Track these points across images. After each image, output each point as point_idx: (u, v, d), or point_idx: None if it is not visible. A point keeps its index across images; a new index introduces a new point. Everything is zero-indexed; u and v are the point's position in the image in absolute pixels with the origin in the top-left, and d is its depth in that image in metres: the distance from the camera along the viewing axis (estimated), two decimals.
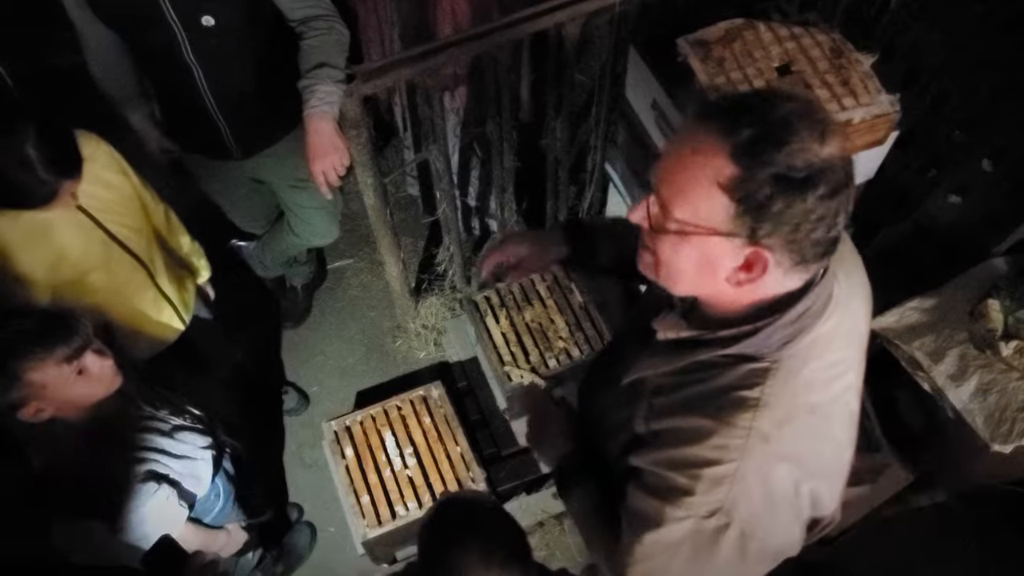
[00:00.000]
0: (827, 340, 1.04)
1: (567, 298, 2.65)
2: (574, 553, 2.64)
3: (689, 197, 0.94)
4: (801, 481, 1.05)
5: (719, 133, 0.90)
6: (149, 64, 2.02)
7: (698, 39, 1.93)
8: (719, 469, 1.02)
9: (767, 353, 1.02)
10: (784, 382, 1.02)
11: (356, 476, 2.39)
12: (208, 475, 1.96)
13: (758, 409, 1.01)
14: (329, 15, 1.93)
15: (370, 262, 3.23)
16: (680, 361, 1.09)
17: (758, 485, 1.03)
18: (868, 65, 1.87)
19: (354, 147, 2.03)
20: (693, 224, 0.95)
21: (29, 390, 1.49)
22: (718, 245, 0.95)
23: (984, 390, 2.13)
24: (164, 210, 2.05)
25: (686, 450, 1.05)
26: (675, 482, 1.05)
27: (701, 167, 0.92)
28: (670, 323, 1.12)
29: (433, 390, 2.56)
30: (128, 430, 1.80)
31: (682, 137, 0.95)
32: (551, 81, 2.32)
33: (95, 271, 1.82)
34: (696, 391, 1.07)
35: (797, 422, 1.03)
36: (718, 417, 1.03)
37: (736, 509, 1.03)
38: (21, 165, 1.51)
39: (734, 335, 1.03)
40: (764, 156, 0.88)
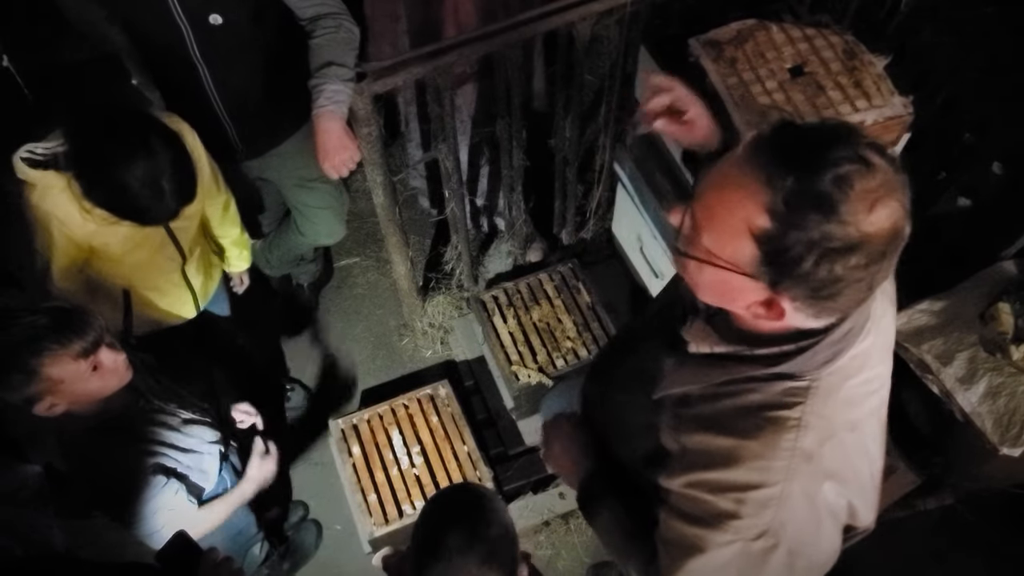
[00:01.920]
0: (865, 357, 1.03)
1: (575, 298, 2.65)
2: (580, 553, 2.64)
3: (719, 230, 0.90)
4: (842, 496, 1.05)
5: (764, 178, 0.84)
6: (156, 62, 2.02)
7: (710, 39, 1.93)
8: (765, 492, 1.00)
9: (806, 372, 0.99)
10: (824, 401, 1.00)
11: (363, 474, 2.39)
12: (215, 469, 1.96)
13: (800, 430, 0.99)
14: (338, 13, 1.93)
15: (376, 260, 3.23)
16: (716, 378, 1.05)
17: (804, 505, 1.02)
18: (881, 67, 1.87)
19: (364, 145, 2.03)
20: (717, 256, 0.91)
21: (45, 385, 1.49)
22: (739, 281, 0.91)
23: (993, 393, 2.12)
24: (225, 200, 2.07)
25: (727, 473, 1.02)
26: (718, 506, 1.03)
27: (737, 207, 0.87)
28: (701, 334, 1.07)
29: (440, 389, 2.56)
30: (138, 424, 1.80)
31: (732, 163, 0.89)
32: (560, 80, 2.32)
33: (138, 250, 1.85)
34: (729, 406, 1.04)
35: (838, 439, 1.02)
36: (758, 437, 1.00)
37: (784, 529, 1.02)
38: (155, 194, 1.60)
39: (775, 355, 0.99)
40: (801, 220, 0.82)
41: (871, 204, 0.82)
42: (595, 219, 2.92)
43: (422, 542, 1.32)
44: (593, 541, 2.66)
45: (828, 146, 0.83)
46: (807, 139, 0.85)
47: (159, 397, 1.87)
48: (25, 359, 1.47)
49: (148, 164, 1.57)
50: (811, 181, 0.82)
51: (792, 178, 0.82)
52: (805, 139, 0.85)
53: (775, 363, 0.99)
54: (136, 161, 1.56)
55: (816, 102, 1.82)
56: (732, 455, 1.02)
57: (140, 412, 1.82)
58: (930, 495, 2.53)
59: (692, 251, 0.94)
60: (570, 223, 2.90)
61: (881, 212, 0.82)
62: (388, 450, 2.43)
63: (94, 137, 1.61)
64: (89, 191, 1.63)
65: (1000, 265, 2.28)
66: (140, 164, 1.56)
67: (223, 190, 2.04)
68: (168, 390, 1.92)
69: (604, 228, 2.93)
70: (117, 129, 1.60)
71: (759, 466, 1.00)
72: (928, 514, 2.57)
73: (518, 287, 2.68)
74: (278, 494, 2.72)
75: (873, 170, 0.82)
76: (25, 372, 1.48)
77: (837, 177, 0.81)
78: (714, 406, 1.06)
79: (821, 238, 0.82)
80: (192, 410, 1.96)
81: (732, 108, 1.83)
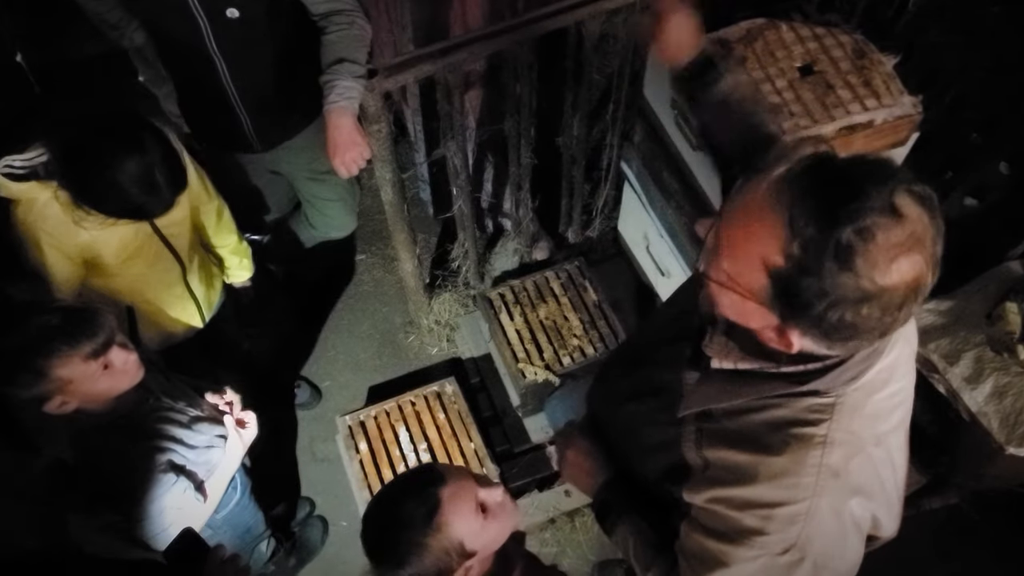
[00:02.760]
0: (891, 370, 1.03)
1: (581, 296, 2.66)
2: (585, 551, 2.64)
3: (737, 257, 0.90)
4: (868, 509, 1.05)
5: (786, 218, 0.82)
6: (173, 55, 2.03)
7: (720, 38, 1.93)
8: (792, 508, 1.00)
9: (832, 389, 0.99)
10: (850, 417, 0.99)
11: (370, 471, 2.40)
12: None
13: (826, 446, 0.99)
14: (351, 10, 1.94)
15: (382, 258, 3.23)
16: (742, 396, 1.04)
17: (831, 520, 1.02)
18: (890, 66, 1.87)
19: (374, 142, 2.03)
20: (735, 283, 0.91)
21: (55, 384, 1.49)
22: (753, 307, 0.91)
23: (1000, 393, 2.13)
24: (217, 206, 2.05)
25: (752, 489, 1.02)
26: (743, 523, 1.03)
27: (756, 240, 0.86)
28: (723, 349, 1.05)
29: (447, 386, 2.57)
30: (148, 421, 1.80)
31: (755, 191, 0.88)
32: (569, 79, 2.32)
33: (134, 260, 1.84)
34: (753, 422, 1.04)
35: (864, 454, 1.02)
36: (784, 454, 1.00)
37: (810, 544, 1.01)
38: (147, 186, 1.59)
39: (801, 373, 0.98)
40: (816, 268, 0.81)
41: (892, 258, 0.80)
42: (601, 218, 2.93)
43: (375, 495, 1.32)
44: (598, 539, 2.67)
45: (857, 194, 0.80)
46: (836, 183, 0.82)
47: (169, 395, 1.88)
48: (35, 360, 1.47)
49: (140, 159, 1.56)
50: (831, 232, 0.79)
51: (813, 227, 0.80)
52: (834, 183, 0.82)
53: (801, 382, 0.98)
54: (129, 156, 1.55)
55: (826, 101, 1.82)
56: (757, 472, 1.02)
57: (150, 410, 1.82)
58: (935, 494, 2.54)
59: (712, 271, 0.94)
60: (576, 221, 2.90)
61: (902, 266, 0.80)
62: (395, 447, 2.44)
63: (82, 139, 1.60)
64: (81, 194, 1.62)
65: (1007, 265, 2.29)
66: (133, 159, 1.56)
67: (213, 196, 2.03)
68: (177, 388, 1.93)
69: (610, 227, 2.94)
70: (105, 128, 1.59)
71: (786, 483, 1.00)
72: (933, 513, 2.57)
73: (525, 285, 2.69)
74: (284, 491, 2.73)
75: (901, 222, 0.80)
76: (34, 372, 1.48)
77: (860, 229, 0.79)
78: (738, 421, 1.05)
79: (833, 288, 0.81)
80: (201, 407, 1.97)
81: None
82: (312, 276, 3.07)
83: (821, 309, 0.83)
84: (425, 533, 1.19)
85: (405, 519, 1.20)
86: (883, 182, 0.81)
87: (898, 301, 0.82)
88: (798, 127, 1.80)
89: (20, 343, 1.46)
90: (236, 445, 1.95)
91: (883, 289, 0.80)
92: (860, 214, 0.79)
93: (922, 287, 0.83)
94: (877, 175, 0.82)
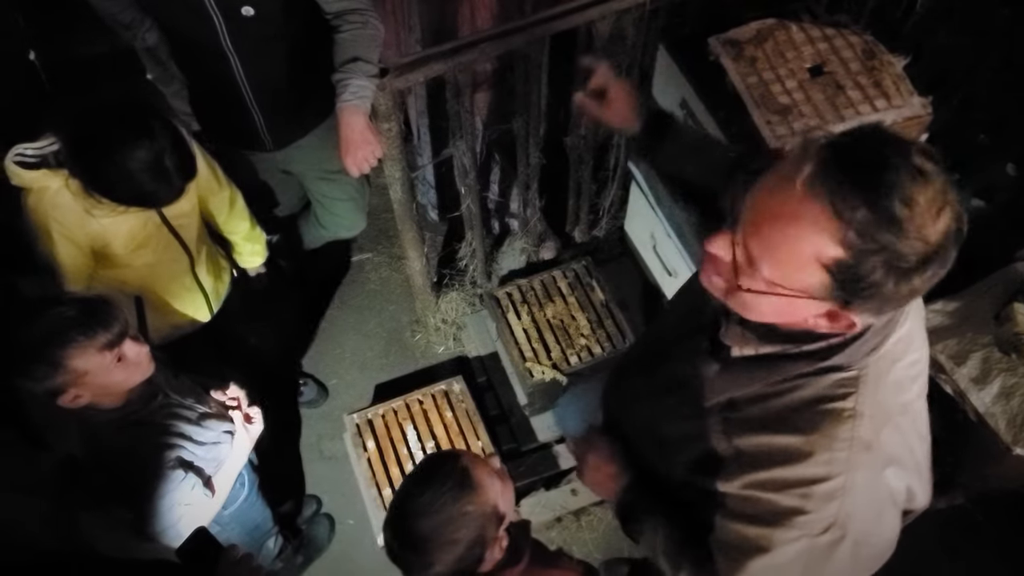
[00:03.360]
0: (908, 340, 1.04)
1: (588, 295, 2.66)
2: (591, 549, 2.65)
3: (784, 264, 0.90)
4: (902, 480, 1.06)
5: (830, 210, 0.84)
6: (187, 53, 2.03)
7: (730, 38, 1.94)
8: (829, 484, 1.01)
9: (854, 362, 1.00)
10: (875, 388, 1.01)
11: (378, 469, 2.40)
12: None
13: (856, 419, 1.00)
14: (364, 9, 1.94)
15: (389, 256, 3.24)
16: (766, 379, 1.05)
17: (868, 493, 1.03)
18: (900, 67, 1.88)
19: (384, 140, 2.04)
20: (782, 286, 0.91)
21: (70, 376, 1.50)
22: (804, 303, 0.92)
23: (1007, 393, 2.13)
24: (229, 195, 2.06)
25: (788, 470, 1.03)
26: (781, 504, 1.04)
27: (804, 241, 0.87)
28: (740, 337, 1.07)
29: (455, 385, 2.57)
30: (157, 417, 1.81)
31: (784, 194, 0.88)
32: (578, 79, 2.33)
33: (143, 250, 1.85)
34: (780, 404, 1.05)
35: (893, 424, 1.03)
36: (816, 432, 1.01)
37: (849, 520, 1.02)
38: (157, 173, 1.60)
39: (823, 349, 1.00)
40: (875, 243, 0.83)
41: (935, 216, 0.83)
42: (608, 217, 2.93)
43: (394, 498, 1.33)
44: (605, 538, 2.68)
45: (884, 165, 0.83)
46: (862, 162, 0.85)
47: (177, 392, 1.89)
48: (51, 350, 1.48)
49: (150, 145, 1.57)
50: (880, 208, 0.82)
51: (862, 209, 0.83)
52: (860, 163, 0.85)
53: (824, 357, 1.00)
54: (139, 143, 1.57)
55: (836, 102, 1.83)
56: (792, 452, 1.02)
57: (159, 406, 1.83)
58: (941, 494, 2.52)
59: (749, 283, 0.94)
60: (583, 221, 2.91)
61: (943, 219, 0.84)
62: (403, 445, 2.45)
63: (93, 126, 1.61)
64: (92, 181, 1.63)
65: (1015, 266, 2.29)
66: (143, 146, 1.57)
67: (225, 185, 2.04)
68: (184, 385, 1.94)
69: (616, 226, 2.94)
70: (115, 116, 1.60)
71: (821, 460, 1.01)
72: (938, 513, 2.58)
73: (532, 284, 2.70)
74: (291, 488, 2.74)
75: (929, 180, 0.84)
76: (51, 363, 1.48)
77: (904, 198, 0.82)
78: (765, 406, 1.06)
79: (898, 259, 0.83)
80: (209, 404, 1.97)
81: (752, 107, 1.85)
82: (319, 274, 3.07)
83: (891, 285, 0.85)
84: (466, 500, 1.23)
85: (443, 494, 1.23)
86: (897, 148, 0.85)
87: (950, 253, 0.85)
88: (808, 128, 1.81)
89: (37, 335, 1.47)
90: (243, 440, 1.96)
91: (938, 246, 0.84)
92: (898, 184, 0.82)
93: (961, 231, 0.86)
94: (888, 143, 0.86)
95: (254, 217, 2.22)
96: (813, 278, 0.88)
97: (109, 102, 1.64)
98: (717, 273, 1.01)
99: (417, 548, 1.25)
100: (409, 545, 1.25)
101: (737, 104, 1.88)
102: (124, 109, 1.63)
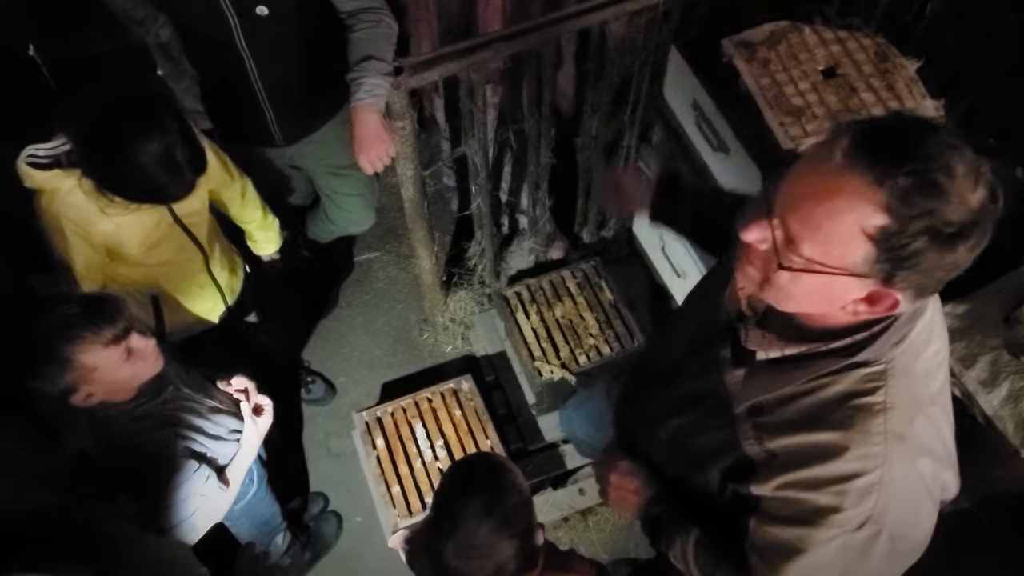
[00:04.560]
0: (929, 330, 1.05)
1: (597, 295, 2.67)
2: (598, 549, 2.65)
3: (825, 237, 0.89)
4: (936, 471, 1.07)
5: (870, 178, 0.85)
6: (200, 51, 2.05)
7: (743, 40, 1.95)
8: (865, 480, 1.01)
9: (880, 356, 1.01)
10: (903, 380, 1.01)
11: (387, 466, 2.41)
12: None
13: (887, 412, 1.00)
14: (378, 8, 1.95)
15: (397, 255, 3.25)
16: (793, 380, 1.05)
17: (903, 486, 1.03)
18: (913, 70, 1.89)
19: (398, 139, 2.05)
20: (823, 263, 0.91)
21: (80, 373, 1.51)
22: (845, 283, 0.92)
23: (1016, 396, 2.13)
24: (241, 186, 2.07)
25: (823, 467, 1.03)
26: (818, 503, 1.04)
27: (845, 212, 0.87)
28: (762, 340, 1.07)
29: (463, 383, 2.58)
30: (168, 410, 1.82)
31: (822, 170, 0.89)
32: (591, 79, 2.34)
33: (157, 249, 1.86)
34: (809, 403, 1.05)
35: (924, 414, 1.03)
36: (848, 428, 1.01)
37: (885, 515, 1.02)
38: (169, 168, 1.59)
39: (849, 345, 1.00)
40: (919, 207, 0.84)
41: (974, 183, 0.85)
42: (616, 218, 2.94)
43: (440, 509, 1.34)
44: (611, 537, 2.68)
45: (921, 137, 0.85)
46: (898, 134, 0.87)
47: (188, 385, 1.89)
48: (58, 348, 1.48)
49: (161, 139, 1.56)
50: (921, 173, 0.83)
51: (903, 176, 0.84)
52: (896, 135, 0.87)
53: (850, 354, 1.00)
54: (150, 136, 1.55)
55: (849, 103, 1.83)
56: (825, 449, 1.02)
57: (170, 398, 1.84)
58: None
59: (789, 262, 0.93)
60: (591, 222, 2.92)
61: (981, 188, 0.85)
62: (412, 443, 2.45)
63: (102, 122, 1.60)
64: (104, 179, 1.62)
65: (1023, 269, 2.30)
66: (154, 139, 1.56)
67: (236, 176, 2.05)
68: (195, 379, 1.94)
69: (624, 227, 2.95)
70: (124, 109, 1.59)
71: (855, 455, 1.01)
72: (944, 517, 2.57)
73: (541, 284, 2.70)
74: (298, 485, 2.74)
75: (962, 151, 0.85)
76: (59, 361, 1.49)
77: (943, 166, 0.83)
78: (794, 407, 1.06)
79: (942, 224, 0.84)
80: (217, 399, 1.98)
81: (765, 108, 1.85)
82: (327, 273, 3.08)
83: (935, 253, 0.85)
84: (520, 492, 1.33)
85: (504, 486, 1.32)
86: (928, 125, 0.87)
87: (988, 222, 0.86)
88: (821, 129, 1.81)
89: (43, 333, 1.47)
90: (252, 433, 1.96)
91: (979, 213, 0.85)
92: (936, 153, 0.84)
93: (996, 203, 0.87)
94: (919, 120, 0.88)
95: (266, 205, 2.23)
96: (857, 251, 0.88)
97: (117, 94, 1.63)
98: (751, 263, 1.01)
99: (481, 551, 1.29)
100: (475, 553, 1.29)
101: (749, 105, 1.89)
102: (131, 102, 1.61)
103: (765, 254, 0.97)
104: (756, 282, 1.01)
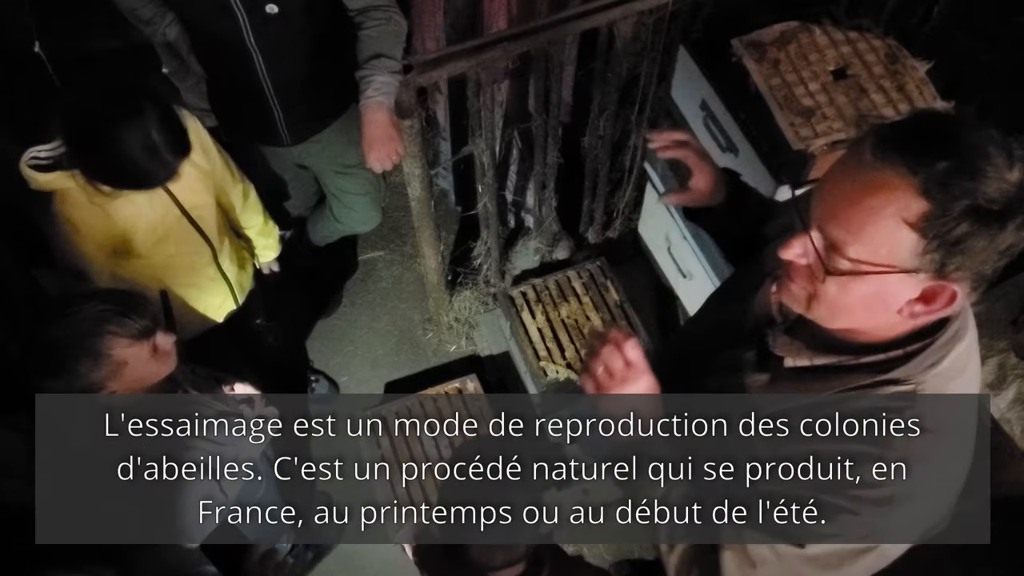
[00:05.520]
0: (967, 356, 1.02)
1: (603, 295, 2.67)
2: (602, 551, 2.65)
3: (869, 236, 0.88)
4: (952, 491, 1.06)
5: (904, 168, 0.85)
6: (209, 49, 2.04)
7: (753, 40, 1.95)
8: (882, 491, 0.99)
9: (912, 375, 0.99)
10: (932, 404, 0.99)
11: (391, 465, 2.40)
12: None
13: (911, 431, 0.98)
14: (387, 5, 1.95)
15: (401, 255, 3.24)
16: (820, 390, 1.03)
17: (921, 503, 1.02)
18: (923, 72, 1.89)
19: (406, 137, 2.04)
20: (871, 263, 0.89)
21: (112, 368, 1.50)
22: (897, 281, 0.90)
23: (1023, 399, 2.14)
24: (243, 189, 2.07)
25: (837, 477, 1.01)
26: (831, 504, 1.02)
27: (885, 205, 0.86)
28: (792, 347, 1.06)
29: (468, 383, 2.58)
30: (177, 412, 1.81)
31: (854, 172, 0.89)
32: (597, 79, 2.34)
33: (163, 243, 1.85)
34: (833, 414, 1.03)
35: (947, 440, 1.01)
36: (870, 442, 0.99)
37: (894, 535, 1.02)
38: (148, 150, 1.57)
39: (883, 361, 0.99)
40: (959, 188, 0.83)
41: (1010, 155, 0.84)
42: (622, 219, 2.93)
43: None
44: (615, 539, 2.67)
45: (948, 126, 0.86)
46: (926, 125, 0.87)
47: (196, 387, 1.89)
48: (95, 343, 1.48)
49: (137, 122, 1.55)
50: (956, 157, 0.83)
51: (938, 161, 0.83)
52: (925, 124, 0.87)
53: (883, 370, 0.98)
54: (129, 123, 1.55)
55: (859, 104, 1.83)
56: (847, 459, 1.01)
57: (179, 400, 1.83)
58: None
59: (839, 267, 0.92)
60: (597, 222, 2.91)
61: (1017, 168, 0.84)
62: (416, 443, 2.45)
63: (82, 109, 1.60)
64: (88, 166, 1.62)
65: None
66: (133, 125, 1.55)
67: (239, 179, 2.04)
68: (203, 381, 1.94)
69: (630, 228, 2.94)
70: (105, 98, 1.59)
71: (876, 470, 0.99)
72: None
73: (546, 284, 2.70)
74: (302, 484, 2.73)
75: (989, 131, 0.86)
76: (94, 356, 1.48)
77: (976, 148, 0.84)
78: (816, 417, 1.04)
79: (986, 201, 0.83)
80: (224, 401, 1.97)
81: (775, 109, 1.85)
82: (331, 272, 3.07)
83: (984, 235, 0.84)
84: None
85: None
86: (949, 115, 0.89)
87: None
88: (831, 130, 1.81)
89: (78, 329, 1.47)
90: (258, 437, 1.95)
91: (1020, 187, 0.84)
92: (966, 138, 0.84)
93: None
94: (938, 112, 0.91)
95: (267, 212, 2.22)
96: (903, 244, 0.87)
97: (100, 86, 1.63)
98: (794, 281, 0.99)
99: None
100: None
101: (759, 106, 1.88)
102: (115, 91, 1.61)
103: (807, 269, 0.95)
104: (802, 300, 0.99)
